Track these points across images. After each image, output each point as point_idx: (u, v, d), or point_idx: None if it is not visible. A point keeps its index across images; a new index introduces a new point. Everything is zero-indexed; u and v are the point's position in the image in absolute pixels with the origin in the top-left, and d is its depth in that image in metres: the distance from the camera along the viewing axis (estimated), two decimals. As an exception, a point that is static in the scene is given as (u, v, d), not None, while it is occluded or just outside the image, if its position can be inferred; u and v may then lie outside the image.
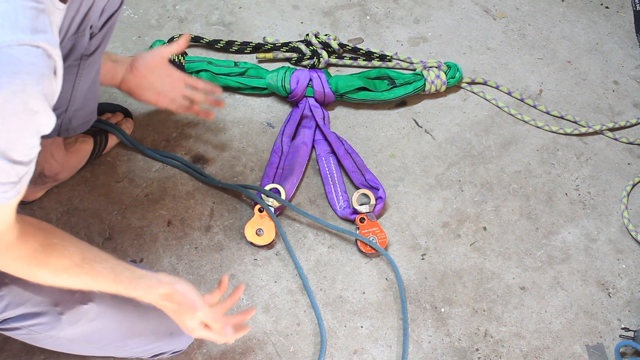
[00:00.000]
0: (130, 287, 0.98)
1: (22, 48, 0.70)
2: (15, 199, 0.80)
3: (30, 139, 0.76)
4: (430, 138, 1.68)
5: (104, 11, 1.10)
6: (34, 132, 0.75)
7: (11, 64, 0.69)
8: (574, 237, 1.56)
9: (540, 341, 1.41)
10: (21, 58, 0.70)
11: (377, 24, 1.89)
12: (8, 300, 1.00)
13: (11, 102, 0.70)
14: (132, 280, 0.99)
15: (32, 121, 0.74)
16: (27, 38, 0.70)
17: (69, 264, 0.92)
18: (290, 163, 1.55)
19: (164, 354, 1.21)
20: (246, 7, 1.87)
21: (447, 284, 1.46)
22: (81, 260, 0.93)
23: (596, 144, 1.73)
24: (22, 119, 0.73)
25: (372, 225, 1.48)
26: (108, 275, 0.96)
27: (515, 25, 1.95)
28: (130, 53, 1.71)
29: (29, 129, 0.74)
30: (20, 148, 0.75)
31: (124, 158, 1.54)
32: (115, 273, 0.97)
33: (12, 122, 0.72)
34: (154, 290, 1.01)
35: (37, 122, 0.75)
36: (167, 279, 1.03)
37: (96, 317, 1.07)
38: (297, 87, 1.64)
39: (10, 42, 0.69)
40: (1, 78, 0.69)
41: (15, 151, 0.74)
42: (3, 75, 0.69)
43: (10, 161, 0.74)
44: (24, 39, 0.70)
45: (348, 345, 1.37)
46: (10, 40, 0.69)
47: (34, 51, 0.71)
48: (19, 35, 0.70)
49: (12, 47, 0.69)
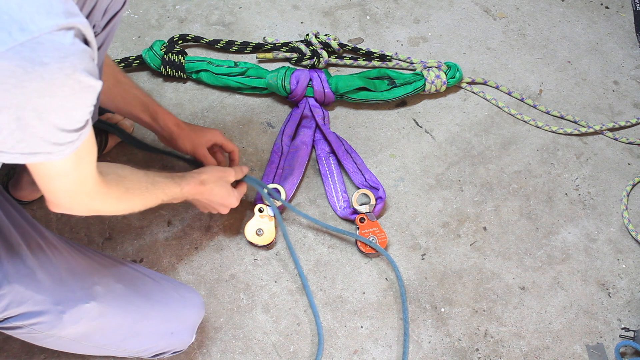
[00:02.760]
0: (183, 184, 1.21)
1: (60, 32, 0.73)
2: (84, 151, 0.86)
3: (87, 109, 0.80)
4: (430, 138, 1.68)
5: (107, 10, 1.10)
6: (89, 103, 0.80)
7: (56, 49, 0.72)
8: (574, 237, 1.57)
9: (540, 341, 1.42)
10: (63, 42, 0.73)
11: (377, 24, 1.89)
12: (9, 299, 1.00)
13: (67, 84, 0.74)
14: (182, 180, 1.22)
15: (87, 95, 0.78)
16: (63, 21, 0.73)
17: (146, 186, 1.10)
18: (290, 163, 1.55)
19: (164, 354, 1.21)
20: (246, 7, 1.87)
21: (447, 284, 1.46)
22: (152, 180, 1.12)
23: (596, 144, 1.73)
24: (79, 95, 0.77)
25: (372, 225, 1.48)
26: (170, 183, 1.18)
27: (515, 25, 1.95)
28: (130, 53, 1.72)
29: (86, 102, 0.79)
30: (78, 120, 0.80)
31: (124, 158, 1.54)
32: (171, 179, 1.19)
33: (70, 101, 0.76)
34: (196, 179, 1.25)
35: (91, 94, 0.79)
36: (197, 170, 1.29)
37: (98, 317, 1.07)
38: (297, 87, 1.64)
39: (50, 28, 0.71)
40: (51, 64, 0.72)
41: (72, 123, 0.79)
42: (52, 61, 0.72)
43: (70, 131, 0.80)
44: (60, 23, 0.73)
45: (348, 345, 1.37)
46: (49, 26, 0.71)
47: (71, 33, 0.74)
48: (56, 20, 0.72)
49: (52, 33, 0.72)
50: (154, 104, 1.37)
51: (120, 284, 1.12)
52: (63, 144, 0.80)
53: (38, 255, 1.04)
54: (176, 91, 1.68)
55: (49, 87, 0.73)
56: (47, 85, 0.73)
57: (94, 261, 1.12)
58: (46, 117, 0.75)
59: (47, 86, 0.73)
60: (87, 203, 0.97)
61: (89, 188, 0.95)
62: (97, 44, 1.11)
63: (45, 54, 0.71)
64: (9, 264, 1.00)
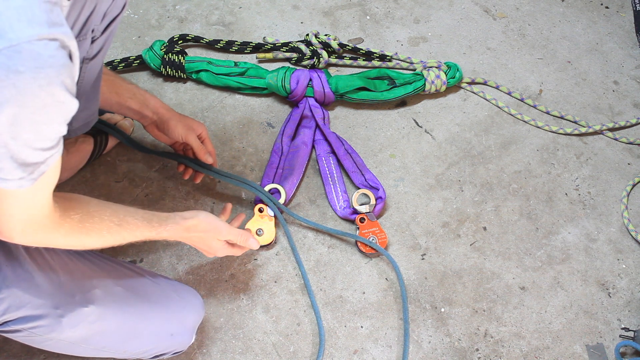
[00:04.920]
0: (161, 229, 1.09)
1: (41, 42, 0.71)
2: (46, 178, 0.82)
3: (57, 127, 0.78)
4: (430, 138, 1.68)
5: (106, 15, 1.10)
6: (61, 121, 0.78)
7: (33, 59, 0.70)
8: (574, 237, 1.57)
9: (540, 341, 1.42)
10: (42, 52, 0.71)
11: (377, 24, 1.89)
12: (8, 302, 1.00)
13: (39, 97, 0.72)
14: (162, 223, 1.10)
15: (60, 111, 0.76)
16: (45, 32, 0.71)
17: (109, 225, 1.01)
18: (290, 163, 1.55)
19: (164, 355, 1.21)
20: (246, 7, 1.87)
21: (447, 284, 1.46)
22: (119, 220, 1.02)
23: (596, 144, 1.73)
24: (50, 110, 0.75)
25: (372, 225, 1.48)
26: (143, 225, 1.07)
27: (515, 25, 1.95)
28: (130, 53, 1.72)
29: (57, 119, 0.77)
30: (47, 137, 0.77)
31: (124, 158, 1.54)
32: (147, 221, 1.08)
33: (41, 115, 0.74)
34: (180, 225, 1.13)
35: (64, 110, 0.77)
36: (188, 214, 1.15)
37: (97, 320, 1.07)
38: (297, 87, 1.64)
39: (30, 37, 0.70)
40: (26, 74, 0.70)
41: (43, 140, 0.77)
42: (27, 71, 0.70)
43: (37, 149, 0.77)
44: (42, 33, 0.71)
45: (348, 345, 1.37)
46: (29, 35, 0.70)
47: (52, 44, 0.72)
48: (37, 30, 0.70)
49: (32, 43, 0.70)
50: (141, 90, 1.37)
51: (119, 287, 1.12)
52: (28, 165, 0.77)
53: (36, 258, 1.04)
54: (176, 91, 1.68)
55: (20, 96, 0.71)
56: (18, 95, 0.71)
57: (92, 264, 1.12)
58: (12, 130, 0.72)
59: (18, 95, 0.71)
60: (31, 233, 0.90)
61: (39, 217, 0.89)
62: (96, 48, 1.11)
63: (21, 62, 0.69)
64: (7, 268, 1.00)
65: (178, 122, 1.38)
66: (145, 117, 1.38)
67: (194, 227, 1.15)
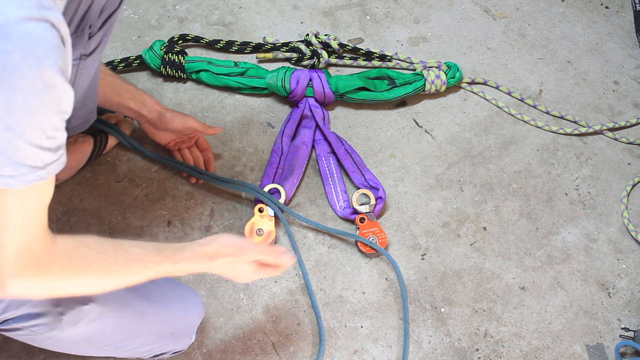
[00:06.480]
0: (176, 261, 0.97)
1: (30, 23, 0.69)
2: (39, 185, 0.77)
3: (51, 117, 0.74)
4: (430, 138, 1.68)
5: (103, 10, 1.10)
6: (54, 109, 0.74)
7: (22, 39, 0.68)
8: (574, 237, 1.57)
9: (540, 341, 1.42)
10: (32, 32, 0.69)
11: (377, 24, 1.89)
12: (8, 301, 0.99)
13: (27, 78, 0.69)
14: (176, 253, 0.98)
15: (52, 96, 0.72)
16: (35, 12, 0.70)
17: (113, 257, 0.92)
18: (290, 163, 1.55)
19: (164, 354, 1.21)
20: (246, 7, 1.87)
21: (447, 284, 1.46)
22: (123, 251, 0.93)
23: (596, 144, 1.73)
24: (41, 95, 0.71)
25: (372, 225, 1.48)
26: (153, 256, 0.95)
27: (515, 25, 1.95)
28: (130, 53, 1.71)
29: (49, 105, 0.73)
30: (40, 128, 0.73)
31: (124, 158, 1.54)
32: (157, 250, 0.97)
33: (31, 99, 0.70)
34: (199, 254, 0.99)
35: (56, 97, 0.73)
36: (205, 240, 1.02)
37: (97, 318, 1.07)
38: (297, 87, 1.64)
39: (19, 17, 0.69)
40: (14, 54, 0.68)
41: (36, 132, 0.73)
42: (16, 51, 0.68)
43: (30, 144, 0.73)
44: (32, 14, 0.69)
45: (348, 345, 1.37)
46: (18, 15, 0.69)
47: (42, 25, 0.70)
48: (26, 11, 0.69)
49: (21, 23, 0.69)
50: (140, 91, 1.44)
51: None
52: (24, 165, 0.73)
53: None
54: (176, 91, 1.68)
55: (9, 78, 0.68)
56: (7, 76, 0.68)
57: None
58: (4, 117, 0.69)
59: (7, 77, 0.68)
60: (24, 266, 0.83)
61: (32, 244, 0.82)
62: (94, 44, 1.11)
63: (10, 42, 0.68)
64: None
65: (175, 113, 1.45)
66: (143, 116, 1.44)
67: (215, 253, 1.01)
